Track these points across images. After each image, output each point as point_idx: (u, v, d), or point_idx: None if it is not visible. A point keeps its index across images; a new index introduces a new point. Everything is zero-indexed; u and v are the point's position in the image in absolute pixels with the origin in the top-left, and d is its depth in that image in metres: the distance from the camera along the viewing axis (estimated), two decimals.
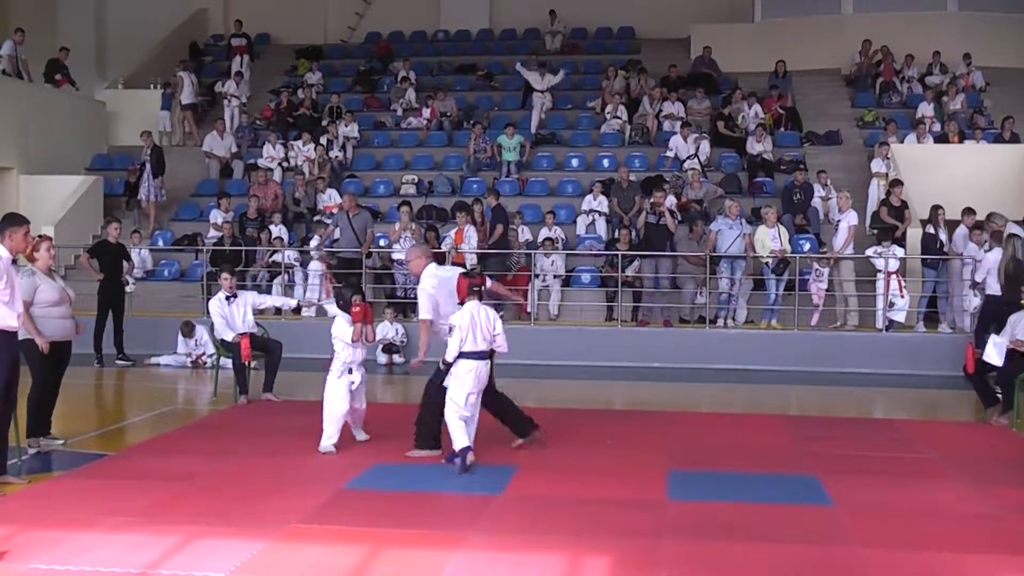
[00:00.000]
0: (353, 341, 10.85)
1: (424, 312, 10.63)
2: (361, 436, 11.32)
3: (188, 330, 17.74)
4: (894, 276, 18.32)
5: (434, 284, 10.68)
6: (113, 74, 30.41)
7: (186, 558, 7.47)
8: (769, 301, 19.01)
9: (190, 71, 27.07)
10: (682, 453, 11.11)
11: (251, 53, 29.20)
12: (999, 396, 13.10)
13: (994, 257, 16.25)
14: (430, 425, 10.62)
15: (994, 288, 16.09)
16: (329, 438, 10.85)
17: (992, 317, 16.22)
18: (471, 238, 19.44)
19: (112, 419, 13.74)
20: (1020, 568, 7.54)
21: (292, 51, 30.85)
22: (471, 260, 19.36)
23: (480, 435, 10.25)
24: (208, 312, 14.65)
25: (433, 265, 11.05)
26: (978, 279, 16.60)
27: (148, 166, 23.20)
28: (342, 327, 10.90)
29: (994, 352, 12.82)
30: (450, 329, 10.06)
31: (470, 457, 9.90)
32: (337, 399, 10.88)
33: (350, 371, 10.92)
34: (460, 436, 9.95)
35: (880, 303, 18.54)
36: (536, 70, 26.01)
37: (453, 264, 19.03)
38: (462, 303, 10.18)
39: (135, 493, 9.12)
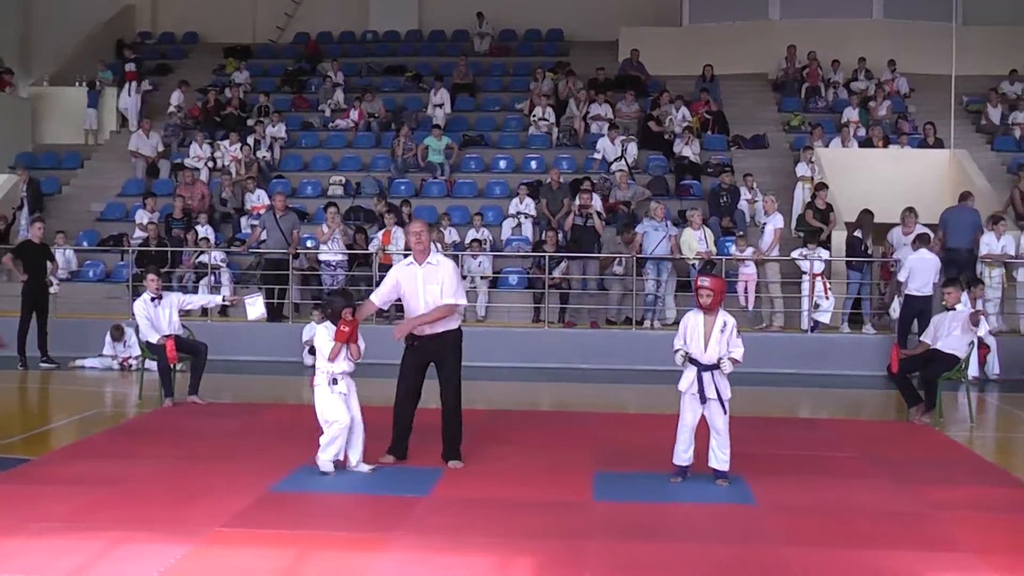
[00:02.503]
0: (330, 359, 9.91)
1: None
2: (361, 466, 10.04)
3: (118, 334, 17.49)
4: (819, 278, 18.51)
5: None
6: (38, 71, 30.06)
7: (110, 564, 7.42)
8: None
9: None
10: (608, 454, 11.17)
11: (139, 79, 27.95)
12: (922, 395, 13.31)
13: (915, 257, 16.60)
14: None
15: (913, 288, 16.45)
16: (330, 456, 9.92)
17: (912, 316, 16.56)
18: (399, 239, 19.41)
19: (36, 423, 13.55)
20: (942, 564, 7.67)
21: (220, 50, 30.65)
22: (397, 261, 19.34)
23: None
24: (133, 314, 14.49)
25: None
26: (900, 279, 16.85)
27: (25, 204, 22.58)
28: (323, 339, 9.94)
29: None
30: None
31: None
32: (337, 412, 9.87)
33: (335, 381, 9.96)
34: None
35: (805, 304, 18.73)
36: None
37: (381, 265, 19.08)
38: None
39: (59, 498, 9.02)
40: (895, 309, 17.22)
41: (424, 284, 10.06)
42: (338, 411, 9.85)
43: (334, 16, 31.85)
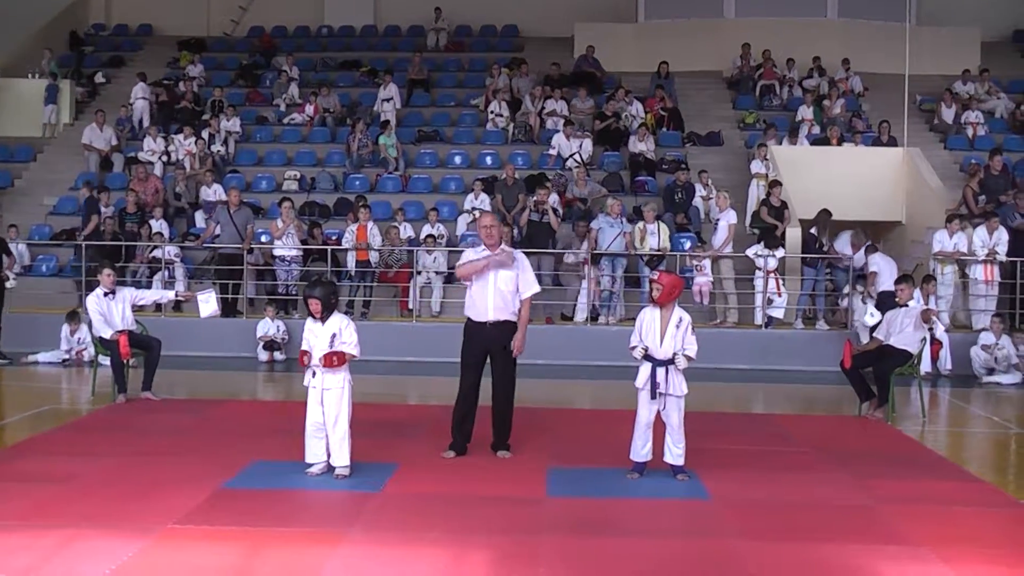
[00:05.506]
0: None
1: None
2: (337, 467, 9.69)
3: (74, 322, 17.28)
4: (772, 274, 18.61)
5: None
6: None
7: (63, 561, 7.38)
8: (646, 298, 19.14)
9: None
10: (562, 450, 11.21)
11: None
12: (874, 391, 13.41)
13: (880, 257, 16.87)
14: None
15: (885, 284, 16.65)
16: (308, 454, 9.79)
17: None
18: (375, 236, 19.38)
19: None
20: (893, 556, 7.74)
21: (174, 43, 30.44)
22: (373, 257, 19.34)
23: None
24: (86, 308, 14.39)
25: None
26: (874, 269, 17.09)
27: None
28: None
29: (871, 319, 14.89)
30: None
31: None
32: (308, 409, 9.72)
33: (314, 374, 9.63)
34: None
35: (759, 300, 18.83)
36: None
37: (358, 261, 19.08)
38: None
39: (11, 495, 8.94)
40: (873, 314, 16.83)
41: (496, 271, 10.46)
42: (309, 408, 9.72)
43: (289, 10, 31.75)
